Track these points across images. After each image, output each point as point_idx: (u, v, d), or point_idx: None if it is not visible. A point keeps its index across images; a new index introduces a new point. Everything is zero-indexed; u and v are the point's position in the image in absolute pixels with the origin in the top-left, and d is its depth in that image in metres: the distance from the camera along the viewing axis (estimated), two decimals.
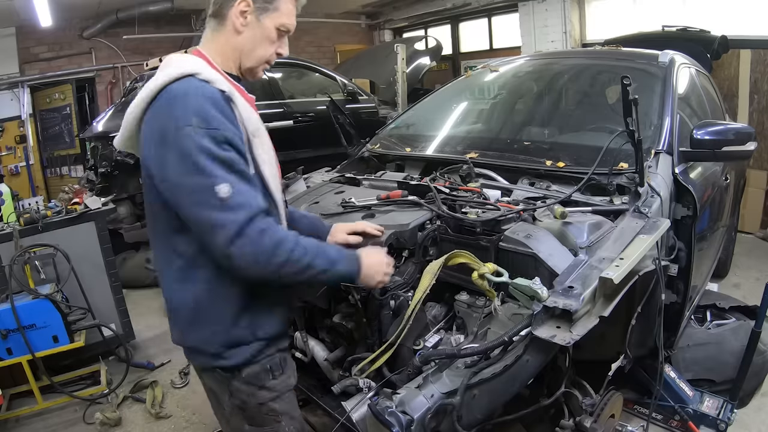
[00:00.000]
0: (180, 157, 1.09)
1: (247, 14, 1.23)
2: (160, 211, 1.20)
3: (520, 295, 1.39)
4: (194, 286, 1.22)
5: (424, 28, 9.41)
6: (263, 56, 1.30)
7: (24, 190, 6.71)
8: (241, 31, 1.25)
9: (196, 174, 1.09)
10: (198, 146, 1.08)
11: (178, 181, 1.10)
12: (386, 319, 1.66)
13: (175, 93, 1.13)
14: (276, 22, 1.27)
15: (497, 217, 1.68)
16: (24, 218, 2.90)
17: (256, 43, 1.27)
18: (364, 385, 1.60)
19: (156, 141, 1.13)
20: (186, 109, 1.10)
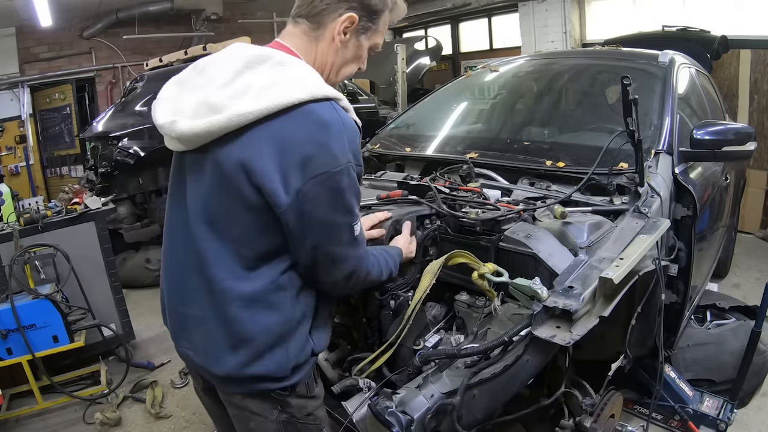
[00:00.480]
0: (332, 194, 1.05)
1: (349, 32, 1.15)
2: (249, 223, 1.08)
3: (520, 295, 1.39)
4: (276, 310, 1.13)
5: (424, 28, 9.42)
6: (350, 73, 1.25)
7: (24, 190, 6.71)
8: (338, 47, 1.17)
9: (344, 213, 1.08)
10: (350, 186, 1.07)
11: (322, 215, 1.06)
12: (386, 319, 1.66)
13: (328, 121, 1.03)
14: (372, 41, 1.21)
15: (497, 217, 1.68)
16: (24, 218, 2.90)
17: (349, 60, 1.21)
18: (364, 385, 1.61)
19: (288, 162, 1.02)
20: (344, 145, 1.04)
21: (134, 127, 4.56)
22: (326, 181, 1.03)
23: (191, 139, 1.10)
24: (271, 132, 1.03)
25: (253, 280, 1.10)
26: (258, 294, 1.11)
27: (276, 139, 1.02)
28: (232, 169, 1.05)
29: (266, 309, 1.12)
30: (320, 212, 1.05)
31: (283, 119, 1.03)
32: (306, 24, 1.15)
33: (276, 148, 1.02)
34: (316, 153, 1.02)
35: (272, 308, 1.12)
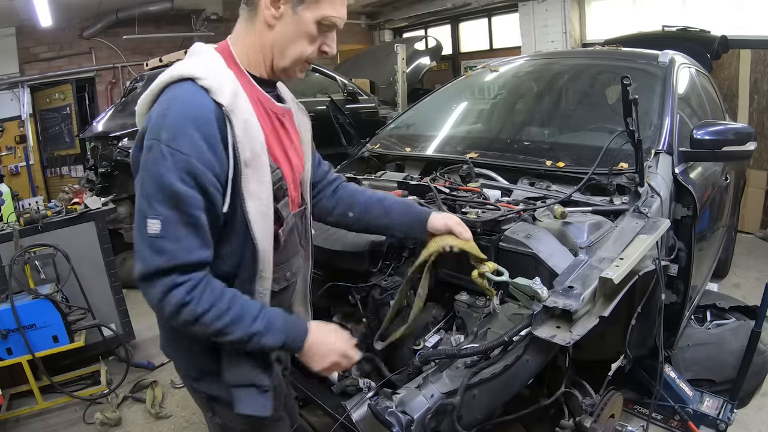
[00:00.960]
0: (142, 169, 1.00)
1: (280, 4, 1.05)
2: None
3: (520, 295, 1.39)
4: None
5: (424, 28, 9.41)
6: (300, 55, 1.10)
7: (24, 190, 6.71)
8: (272, 24, 1.07)
9: (142, 195, 1.00)
10: (156, 163, 0.97)
11: (137, 191, 1.03)
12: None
13: (165, 97, 1.02)
14: (316, 14, 1.07)
15: (497, 217, 1.68)
16: (24, 218, 2.90)
17: (291, 38, 1.08)
18: (364, 385, 1.61)
19: (138, 140, 1.05)
20: (162, 120, 0.98)
21: (134, 127, 4.54)
22: (144, 153, 1.01)
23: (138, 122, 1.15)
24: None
25: None
26: None
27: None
28: None
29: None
30: (136, 184, 1.03)
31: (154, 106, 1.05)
32: (245, 11, 1.11)
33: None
34: (149, 124, 1.01)
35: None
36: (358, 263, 1.69)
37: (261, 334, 1.07)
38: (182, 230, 0.99)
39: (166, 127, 0.97)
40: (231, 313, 1.04)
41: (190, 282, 1.01)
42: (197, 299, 1.01)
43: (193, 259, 1.00)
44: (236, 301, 1.06)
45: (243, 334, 1.06)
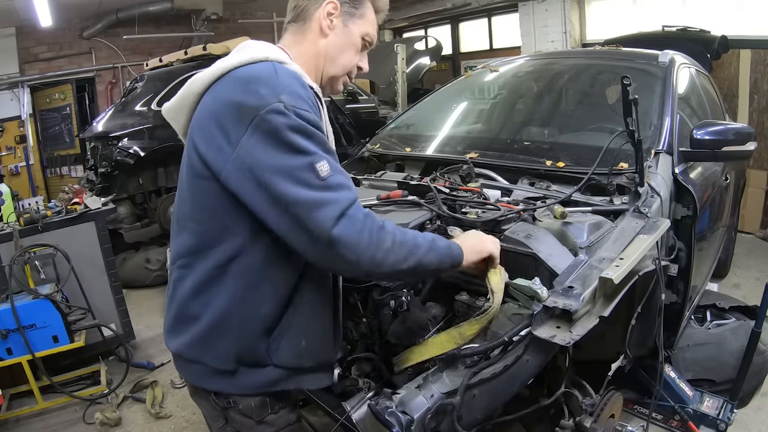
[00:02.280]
0: (267, 135, 0.97)
1: (334, 17, 1.17)
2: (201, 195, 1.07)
3: (520, 295, 1.39)
4: (225, 291, 1.09)
5: (424, 28, 9.41)
6: (348, 64, 1.22)
7: (24, 190, 6.71)
8: (327, 34, 1.18)
9: (290, 152, 0.97)
10: (289, 124, 0.97)
11: (266, 160, 0.97)
12: (386, 318, 1.66)
13: (257, 70, 1.04)
14: (362, 29, 1.21)
15: (497, 217, 1.68)
16: (24, 218, 2.90)
17: (342, 48, 1.20)
18: (364, 385, 1.61)
19: (224, 115, 1.01)
20: (274, 86, 1.00)
21: (134, 127, 4.57)
22: (260, 124, 0.97)
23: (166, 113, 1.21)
24: (210, 96, 1.08)
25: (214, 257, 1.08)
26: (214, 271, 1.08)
27: (212, 101, 1.06)
28: (186, 143, 1.11)
29: (218, 286, 1.09)
30: (265, 159, 0.97)
31: (219, 82, 1.07)
32: (294, 26, 1.20)
33: (212, 109, 1.04)
34: (245, 99, 0.99)
35: (222, 285, 1.09)
36: None
37: (435, 239, 1.14)
38: (338, 165, 1.04)
39: (284, 91, 1.00)
40: (408, 230, 1.10)
41: (368, 210, 1.05)
42: (383, 221, 1.04)
43: (357, 191, 1.05)
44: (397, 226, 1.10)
45: (428, 242, 1.11)
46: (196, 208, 1.09)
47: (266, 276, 1.09)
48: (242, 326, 1.10)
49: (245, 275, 1.08)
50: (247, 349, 1.12)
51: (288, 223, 0.98)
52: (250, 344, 1.12)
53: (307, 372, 1.21)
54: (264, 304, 1.10)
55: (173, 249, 1.18)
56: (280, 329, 1.13)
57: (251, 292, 1.09)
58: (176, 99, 1.16)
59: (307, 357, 1.19)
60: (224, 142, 0.99)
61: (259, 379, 1.15)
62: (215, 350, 1.12)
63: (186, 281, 1.12)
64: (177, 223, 1.17)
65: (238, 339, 1.11)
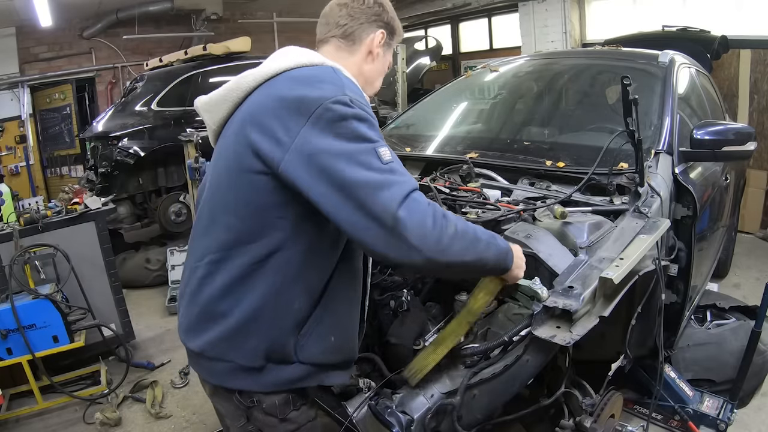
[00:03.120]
0: (331, 124, 0.99)
1: (381, 47, 1.27)
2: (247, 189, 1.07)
3: (520, 295, 1.40)
4: (261, 287, 1.09)
5: (424, 28, 9.41)
6: (378, 87, 1.34)
7: (24, 190, 6.71)
8: (375, 60, 1.27)
9: (354, 139, 1.00)
10: (354, 114, 1.01)
11: (329, 146, 0.98)
12: (386, 318, 1.66)
13: (319, 72, 1.08)
14: (389, 58, 1.32)
15: (497, 217, 1.68)
16: (24, 218, 2.90)
17: (379, 72, 1.31)
18: (364, 385, 1.61)
19: (283, 109, 1.02)
20: (339, 83, 1.05)
21: (134, 127, 4.57)
22: (324, 114, 0.99)
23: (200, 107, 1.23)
24: (261, 93, 1.10)
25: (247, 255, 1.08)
26: (247, 269, 1.08)
27: (264, 97, 1.08)
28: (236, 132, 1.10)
29: (250, 285, 1.09)
30: (329, 146, 0.98)
31: (273, 81, 1.09)
32: (340, 41, 1.24)
33: (266, 104, 1.06)
34: (309, 92, 1.02)
35: (254, 284, 1.09)
36: None
37: (497, 237, 1.17)
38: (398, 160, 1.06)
39: (347, 87, 1.05)
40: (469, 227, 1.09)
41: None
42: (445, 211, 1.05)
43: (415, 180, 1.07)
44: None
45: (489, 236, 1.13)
46: (241, 204, 1.08)
47: (303, 271, 1.10)
48: (274, 322, 1.11)
49: (283, 270, 1.08)
50: (276, 345, 1.12)
51: (351, 208, 0.97)
52: (281, 340, 1.12)
53: (330, 369, 1.22)
54: (297, 299, 1.11)
55: (200, 245, 1.17)
56: (309, 325, 1.14)
57: (287, 287, 1.09)
58: (219, 93, 1.18)
59: (332, 353, 1.20)
60: (283, 133, 1.00)
61: (285, 376, 1.15)
62: (244, 347, 1.11)
63: (216, 278, 1.11)
64: (209, 218, 1.16)
65: (269, 335, 1.11)
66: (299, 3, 8.09)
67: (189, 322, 1.19)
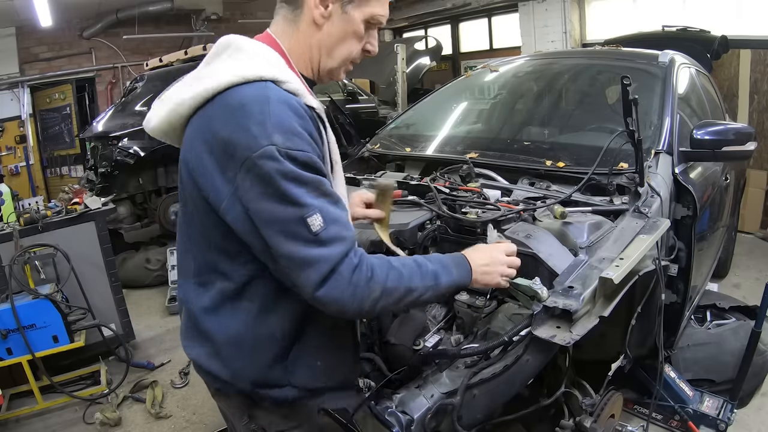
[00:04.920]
0: (259, 182, 0.92)
1: (329, 3, 1.04)
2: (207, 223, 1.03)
3: (520, 295, 1.39)
4: (235, 318, 1.07)
5: (424, 28, 9.41)
6: (348, 55, 1.09)
7: (24, 190, 6.71)
8: (320, 23, 1.05)
9: (282, 202, 0.92)
10: (282, 170, 0.91)
11: (258, 208, 0.93)
12: (386, 319, 1.66)
13: (247, 100, 0.94)
14: (365, 13, 1.06)
15: (497, 217, 1.68)
16: (24, 218, 2.90)
17: (340, 38, 1.07)
18: (364, 385, 1.60)
19: (216, 149, 0.95)
20: (265, 124, 0.91)
21: (134, 127, 4.56)
22: (252, 169, 0.91)
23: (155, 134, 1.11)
24: (200, 122, 0.99)
25: (224, 281, 1.06)
26: (224, 295, 1.06)
27: (203, 130, 0.98)
28: (181, 167, 1.05)
29: (226, 311, 1.07)
30: (257, 206, 0.93)
31: (209, 107, 0.98)
32: (285, 8, 1.07)
33: (205, 139, 0.97)
34: (237, 137, 0.92)
35: (232, 311, 1.07)
36: None
37: (439, 273, 1.09)
38: (335, 210, 0.98)
39: (276, 129, 0.92)
40: (405, 269, 1.05)
41: (361, 255, 1.00)
42: (374, 268, 1.01)
43: (353, 231, 1.01)
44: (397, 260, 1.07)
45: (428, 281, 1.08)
46: (204, 235, 1.06)
47: (280, 299, 1.06)
48: (256, 350, 1.08)
49: (259, 299, 1.06)
50: (262, 374, 1.10)
51: (279, 271, 0.99)
52: (265, 370, 1.09)
53: (327, 391, 1.18)
54: (278, 327, 1.08)
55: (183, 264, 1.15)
56: (294, 352, 1.11)
57: (265, 316, 1.06)
58: (163, 121, 1.07)
59: (323, 377, 1.16)
60: (221, 178, 0.95)
61: (279, 396, 1.13)
62: (231, 369, 1.10)
63: (201, 297, 1.10)
64: (182, 244, 1.14)
65: (253, 363, 1.09)
66: None
67: (184, 330, 1.18)
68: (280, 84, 0.97)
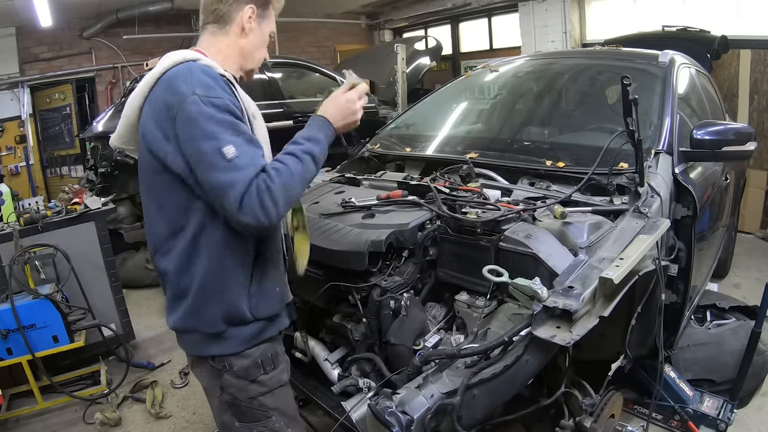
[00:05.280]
0: (188, 125, 1.14)
1: (252, 19, 1.35)
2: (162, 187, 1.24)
3: (520, 295, 1.40)
4: (201, 263, 1.24)
5: (424, 28, 9.41)
6: (261, 58, 1.42)
7: (24, 190, 6.70)
8: (248, 34, 1.36)
9: (204, 139, 1.13)
10: (203, 112, 1.14)
11: (189, 148, 1.15)
12: (386, 319, 1.66)
13: (176, 72, 1.21)
14: (269, 28, 1.41)
15: (497, 217, 1.68)
16: (24, 218, 2.90)
17: (258, 45, 1.39)
18: (364, 385, 1.61)
19: (159, 117, 1.19)
20: (189, 82, 1.17)
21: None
22: (181, 115, 1.15)
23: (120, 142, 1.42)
24: (146, 107, 1.26)
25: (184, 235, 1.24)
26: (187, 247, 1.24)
27: (147, 109, 1.25)
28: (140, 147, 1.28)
29: (192, 260, 1.25)
30: (188, 149, 1.15)
31: (150, 94, 1.25)
32: (213, 26, 1.35)
33: (148, 113, 1.24)
34: (169, 98, 1.18)
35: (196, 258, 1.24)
36: (358, 263, 1.69)
37: (313, 151, 1.27)
38: (248, 147, 1.17)
39: (197, 85, 1.16)
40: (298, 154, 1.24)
41: (266, 174, 1.17)
42: (282, 172, 1.18)
43: (264, 162, 1.18)
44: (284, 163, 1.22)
45: (310, 164, 1.26)
46: (163, 200, 1.25)
47: (231, 241, 1.24)
48: (222, 290, 1.26)
49: (214, 244, 1.23)
50: (231, 309, 1.27)
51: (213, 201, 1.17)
52: (233, 304, 1.27)
53: (277, 317, 1.37)
54: (236, 267, 1.26)
55: (151, 244, 1.32)
56: (254, 285, 1.29)
57: (223, 259, 1.24)
58: (122, 126, 1.35)
59: (279, 302, 1.36)
60: (164, 137, 1.18)
61: (247, 334, 1.30)
62: (205, 316, 1.27)
63: (170, 265, 1.27)
64: (148, 223, 1.33)
65: (222, 302, 1.26)
66: (299, 3, 8.08)
67: (167, 305, 1.35)
68: (198, 61, 1.25)
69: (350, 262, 1.71)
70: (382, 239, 1.68)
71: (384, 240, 1.68)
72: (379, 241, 1.69)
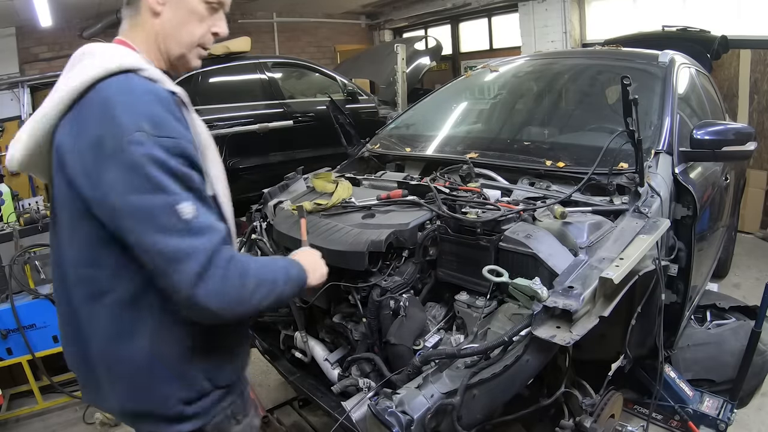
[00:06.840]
0: (128, 172, 0.88)
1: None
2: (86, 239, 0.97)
3: (520, 295, 1.40)
4: (142, 336, 0.99)
5: (424, 28, 9.41)
6: (192, 38, 1.08)
7: (24, 190, 6.69)
8: (159, 11, 1.04)
9: (151, 191, 0.88)
10: (151, 157, 0.88)
11: (126, 201, 0.89)
12: (386, 319, 1.66)
13: (112, 91, 0.92)
14: (188, 4, 1.06)
15: (497, 217, 1.68)
16: (24, 218, 2.90)
17: (181, 22, 1.06)
18: (364, 385, 1.61)
19: (89, 152, 0.91)
20: (133, 111, 0.90)
21: None
22: (120, 157, 0.88)
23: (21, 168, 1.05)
24: (67, 129, 0.96)
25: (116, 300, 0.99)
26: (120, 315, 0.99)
27: (69, 134, 0.95)
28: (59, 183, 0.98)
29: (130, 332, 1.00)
30: (126, 198, 0.89)
31: (75, 110, 0.95)
32: (128, 10, 1.07)
33: (71, 142, 0.94)
34: (104, 130, 0.90)
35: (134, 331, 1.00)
36: (359, 263, 1.69)
37: (287, 266, 1.11)
38: (203, 207, 0.95)
39: (143, 117, 0.90)
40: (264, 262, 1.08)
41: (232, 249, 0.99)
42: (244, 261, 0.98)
43: (224, 228, 0.98)
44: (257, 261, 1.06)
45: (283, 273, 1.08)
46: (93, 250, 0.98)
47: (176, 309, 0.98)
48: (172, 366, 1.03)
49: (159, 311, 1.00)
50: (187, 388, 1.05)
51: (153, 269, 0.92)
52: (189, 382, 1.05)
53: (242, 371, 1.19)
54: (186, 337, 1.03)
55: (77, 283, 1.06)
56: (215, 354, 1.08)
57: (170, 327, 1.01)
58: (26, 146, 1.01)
59: (242, 359, 1.18)
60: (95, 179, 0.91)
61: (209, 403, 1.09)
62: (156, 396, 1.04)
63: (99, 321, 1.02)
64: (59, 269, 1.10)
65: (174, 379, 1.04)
66: (299, 3, 8.08)
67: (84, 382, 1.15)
68: (140, 72, 0.96)
69: (350, 262, 1.71)
70: (382, 239, 1.68)
71: (384, 240, 1.68)
72: (379, 241, 1.69)
